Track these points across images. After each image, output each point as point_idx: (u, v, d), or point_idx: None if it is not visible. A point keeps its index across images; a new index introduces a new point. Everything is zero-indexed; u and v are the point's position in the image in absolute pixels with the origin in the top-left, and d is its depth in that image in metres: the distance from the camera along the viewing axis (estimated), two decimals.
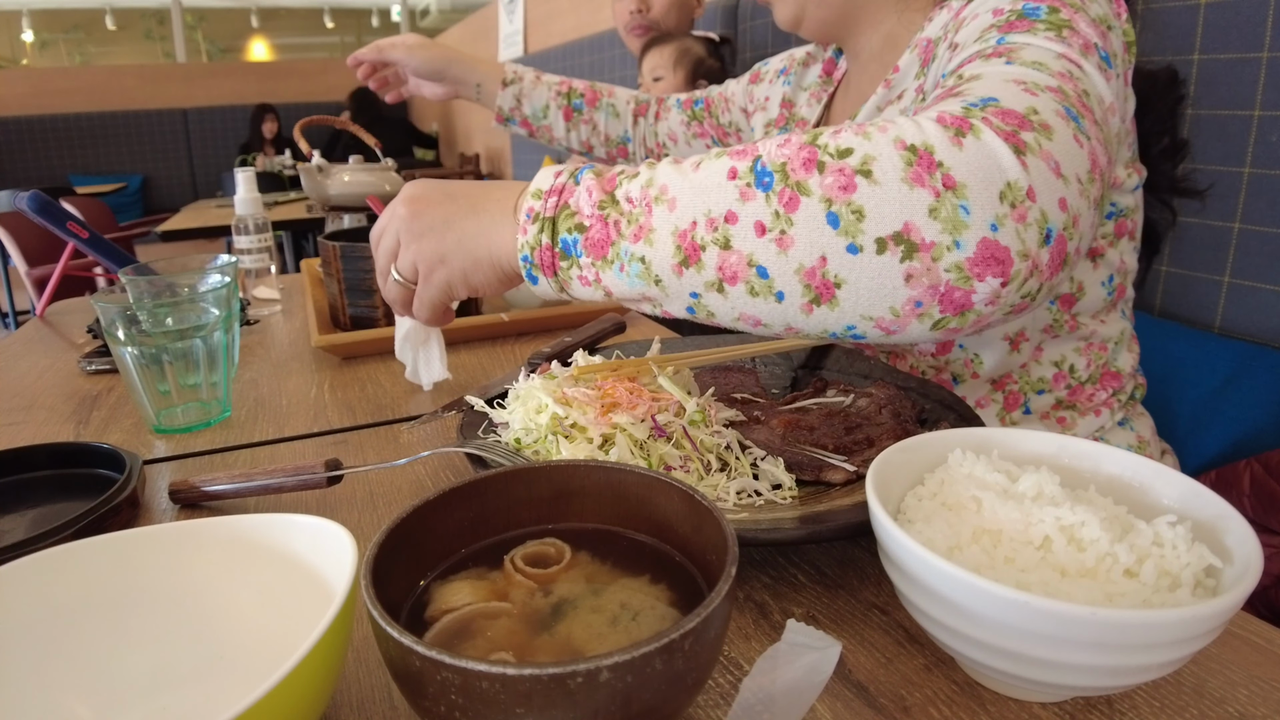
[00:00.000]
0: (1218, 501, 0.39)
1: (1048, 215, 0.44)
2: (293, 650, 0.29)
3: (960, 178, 0.43)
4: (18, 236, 3.31)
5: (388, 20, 8.42)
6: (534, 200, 0.53)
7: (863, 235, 0.44)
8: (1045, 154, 0.45)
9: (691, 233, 0.47)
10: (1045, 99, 0.48)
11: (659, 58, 1.66)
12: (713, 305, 0.49)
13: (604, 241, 0.50)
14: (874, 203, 0.43)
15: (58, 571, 0.38)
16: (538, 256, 0.53)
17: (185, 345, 0.70)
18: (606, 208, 0.50)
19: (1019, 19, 0.58)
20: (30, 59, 7.62)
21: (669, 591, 0.36)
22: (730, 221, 0.46)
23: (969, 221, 0.43)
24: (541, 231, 0.52)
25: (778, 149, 0.47)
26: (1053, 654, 0.33)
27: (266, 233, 1.21)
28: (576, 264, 0.52)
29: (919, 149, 0.44)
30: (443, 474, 0.64)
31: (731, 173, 0.47)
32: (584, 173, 0.53)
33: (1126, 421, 0.82)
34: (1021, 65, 0.52)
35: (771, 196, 0.45)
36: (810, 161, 0.45)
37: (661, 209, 0.48)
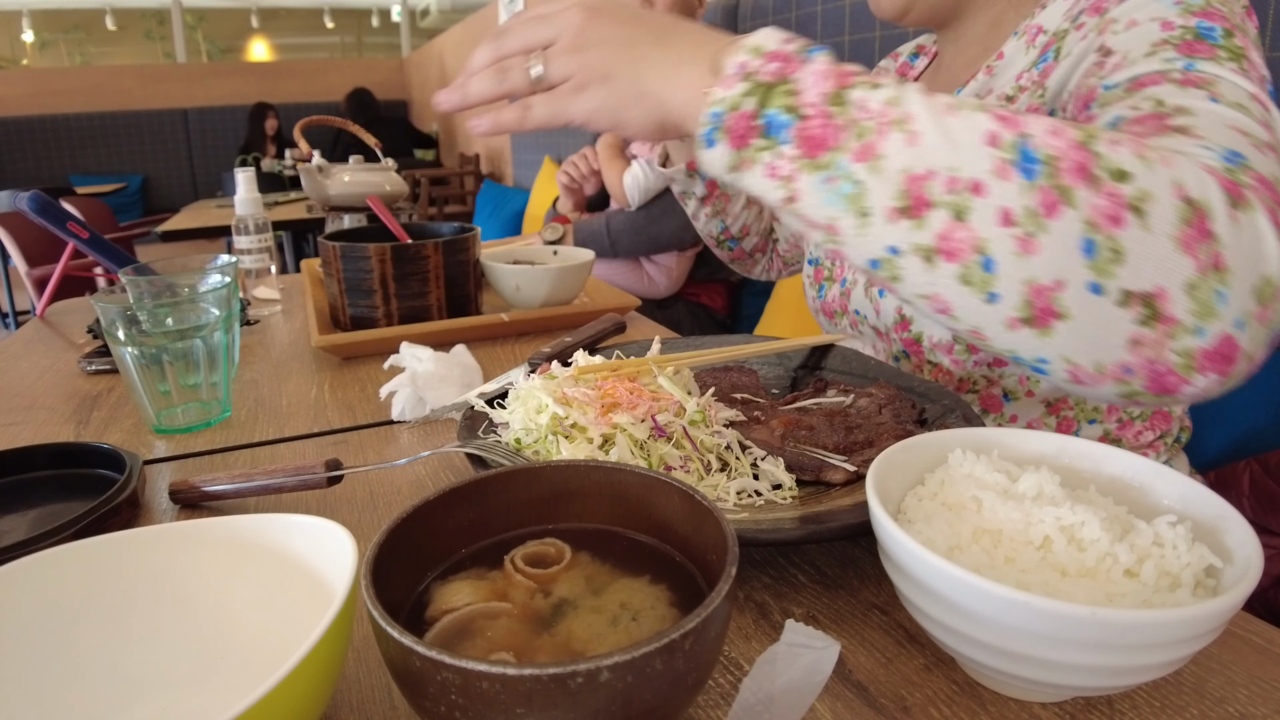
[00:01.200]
0: (1218, 502, 0.39)
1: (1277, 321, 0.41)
2: (293, 650, 0.29)
3: (1230, 261, 0.39)
4: (18, 237, 3.31)
5: (388, 20, 8.42)
6: (750, 56, 0.45)
7: (1112, 280, 0.39)
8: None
9: (925, 182, 0.40)
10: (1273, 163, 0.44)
11: None
12: (905, 270, 0.43)
13: (820, 141, 0.42)
14: (1137, 250, 0.39)
15: (58, 572, 0.38)
16: (731, 120, 0.44)
17: (185, 345, 0.70)
18: (835, 105, 0.42)
19: (1196, 40, 0.52)
20: (30, 59, 7.62)
21: (669, 592, 0.36)
22: (975, 192, 0.40)
23: (1220, 312, 0.39)
24: (749, 94, 0.44)
25: (1048, 135, 0.41)
26: (1053, 654, 0.33)
27: (267, 233, 1.21)
28: (776, 150, 0.43)
29: (1197, 206, 0.39)
30: (443, 474, 0.64)
31: (992, 138, 0.40)
32: (817, 51, 0.45)
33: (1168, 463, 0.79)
34: (1228, 107, 0.47)
35: (1031, 189, 0.40)
36: (1083, 169, 0.40)
37: (899, 137, 0.41)
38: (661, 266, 1.77)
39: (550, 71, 0.51)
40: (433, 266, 0.96)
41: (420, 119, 6.61)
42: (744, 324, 1.88)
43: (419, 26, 8.07)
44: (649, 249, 1.72)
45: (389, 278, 0.94)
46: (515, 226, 3.21)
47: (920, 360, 0.74)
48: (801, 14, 1.78)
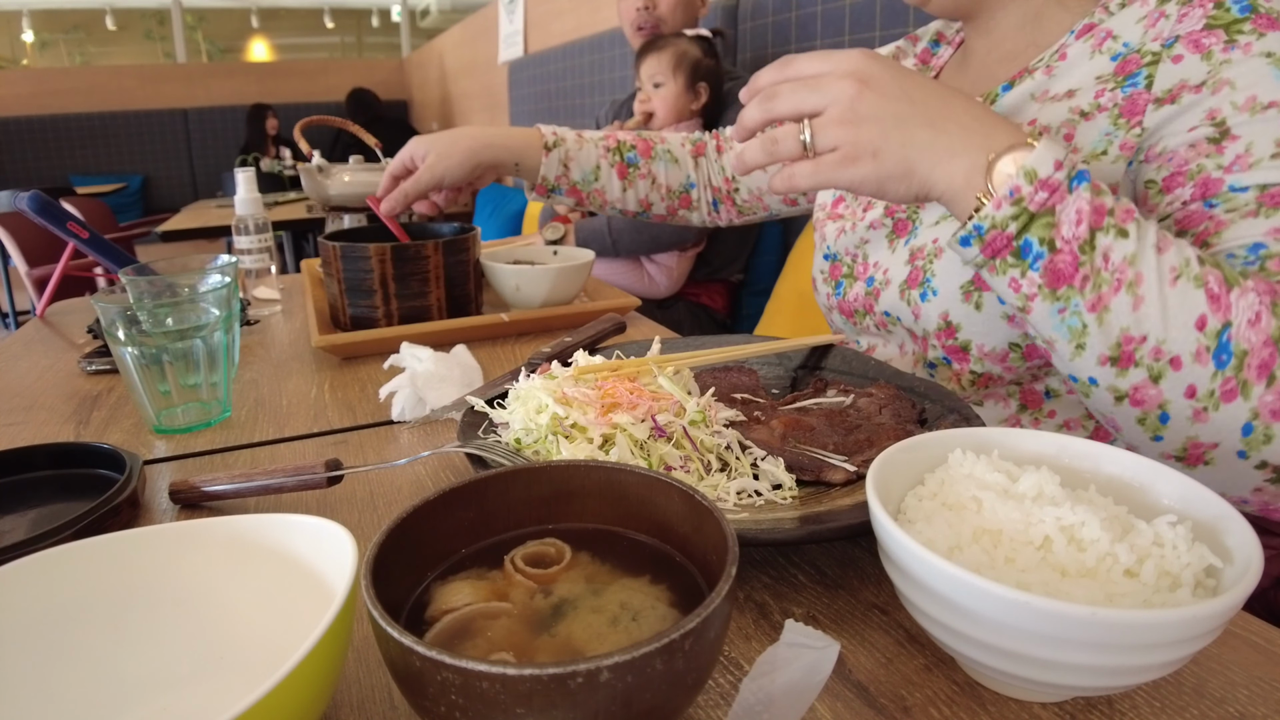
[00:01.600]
0: (1218, 501, 0.39)
1: None
2: (293, 650, 0.29)
3: None
4: (18, 237, 3.31)
5: (388, 20, 8.42)
6: (1025, 182, 0.48)
7: (1256, 454, 0.48)
8: None
9: (1137, 345, 0.48)
10: None
11: (657, 63, 1.66)
12: (1096, 396, 0.52)
13: (1063, 279, 0.48)
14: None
15: (58, 572, 0.38)
16: (992, 236, 0.49)
17: (185, 345, 0.70)
18: (1084, 250, 0.48)
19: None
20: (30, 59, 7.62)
21: (669, 592, 0.36)
22: (1174, 366, 0.48)
23: None
24: (1015, 219, 0.48)
25: (1247, 327, 0.47)
26: (1053, 654, 0.33)
27: (267, 233, 1.21)
28: (1024, 272, 0.49)
29: None
30: (443, 474, 0.64)
31: (1201, 321, 0.47)
32: (1081, 183, 0.49)
33: None
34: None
35: (1218, 376, 0.47)
36: (1265, 367, 0.47)
37: (1126, 300, 0.48)
38: (662, 266, 1.77)
39: (820, 141, 0.53)
40: (433, 267, 0.96)
41: (420, 119, 6.61)
42: (744, 324, 1.88)
43: (419, 26, 8.07)
44: (650, 248, 1.72)
45: (389, 278, 0.94)
46: (515, 226, 3.21)
47: (963, 367, 0.71)
48: (802, 14, 1.78)
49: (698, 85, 1.66)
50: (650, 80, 1.67)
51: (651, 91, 1.67)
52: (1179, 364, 0.47)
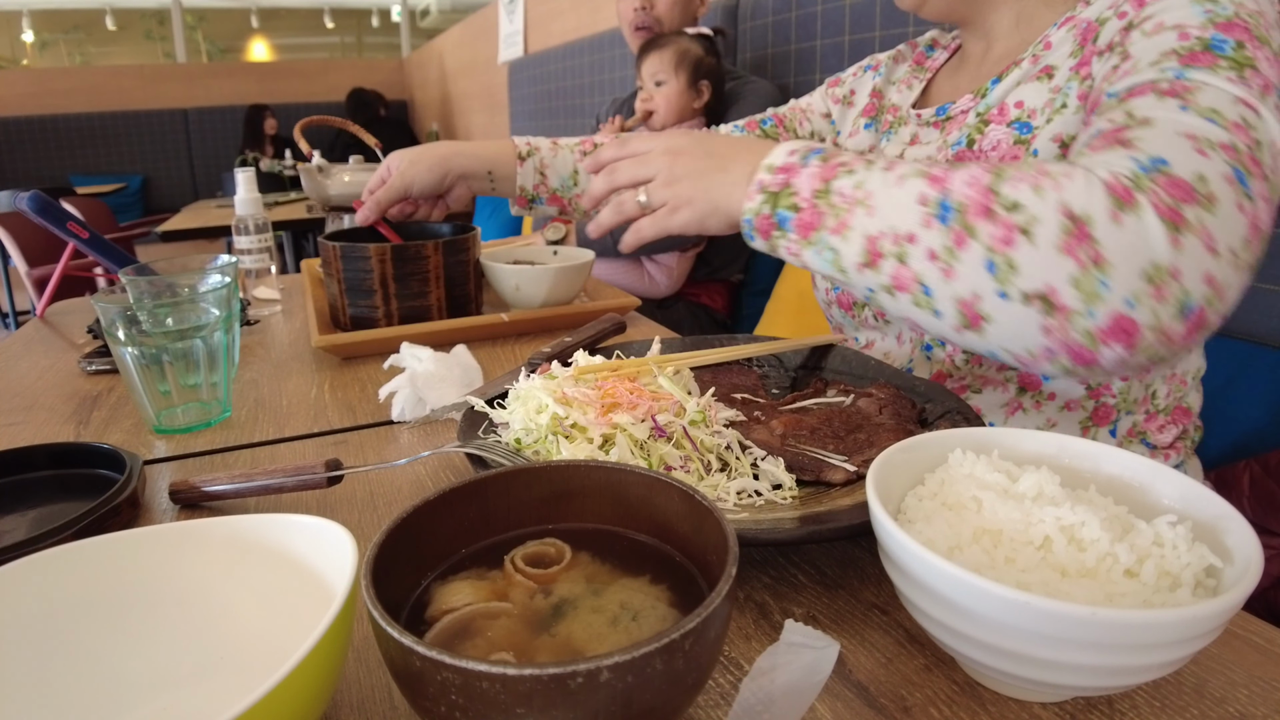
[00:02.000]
0: (1218, 501, 0.39)
1: (1190, 292, 0.48)
2: (293, 650, 0.29)
3: (1108, 255, 0.48)
4: (18, 237, 3.31)
5: (388, 20, 8.42)
6: (765, 174, 0.61)
7: (1012, 286, 0.50)
8: (1203, 231, 0.48)
9: (878, 241, 0.55)
10: (1215, 160, 0.50)
11: (659, 61, 1.66)
12: (883, 303, 0.58)
13: (810, 225, 0.58)
14: (1027, 262, 0.50)
15: (58, 572, 0.38)
16: (758, 222, 0.61)
17: (185, 345, 0.70)
18: (821, 197, 0.58)
19: (1203, 51, 0.57)
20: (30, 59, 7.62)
21: (669, 592, 0.36)
22: (910, 241, 0.54)
23: (1106, 296, 0.48)
24: (765, 203, 0.60)
25: (964, 186, 0.53)
26: (1053, 654, 0.33)
27: (267, 233, 1.21)
28: (785, 236, 0.60)
29: (1079, 219, 0.49)
30: (443, 474, 0.64)
31: (922, 199, 0.54)
32: (813, 157, 0.60)
33: (1181, 465, 0.80)
34: (1196, 114, 0.53)
35: (947, 231, 0.52)
36: (984, 209, 0.51)
37: (861, 212, 0.56)
38: (662, 266, 1.77)
39: (653, 201, 0.69)
40: (433, 267, 0.96)
41: (420, 119, 6.61)
42: (744, 324, 1.88)
43: (419, 27, 8.07)
44: (652, 248, 1.72)
45: (389, 278, 0.94)
46: (515, 227, 3.21)
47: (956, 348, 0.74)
48: (801, 14, 1.78)
49: (700, 83, 1.66)
50: (652, 78, 1.67)
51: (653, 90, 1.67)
52: (914, 238, 0.53)
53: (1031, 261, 0.49)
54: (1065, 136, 0.66)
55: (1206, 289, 0.49)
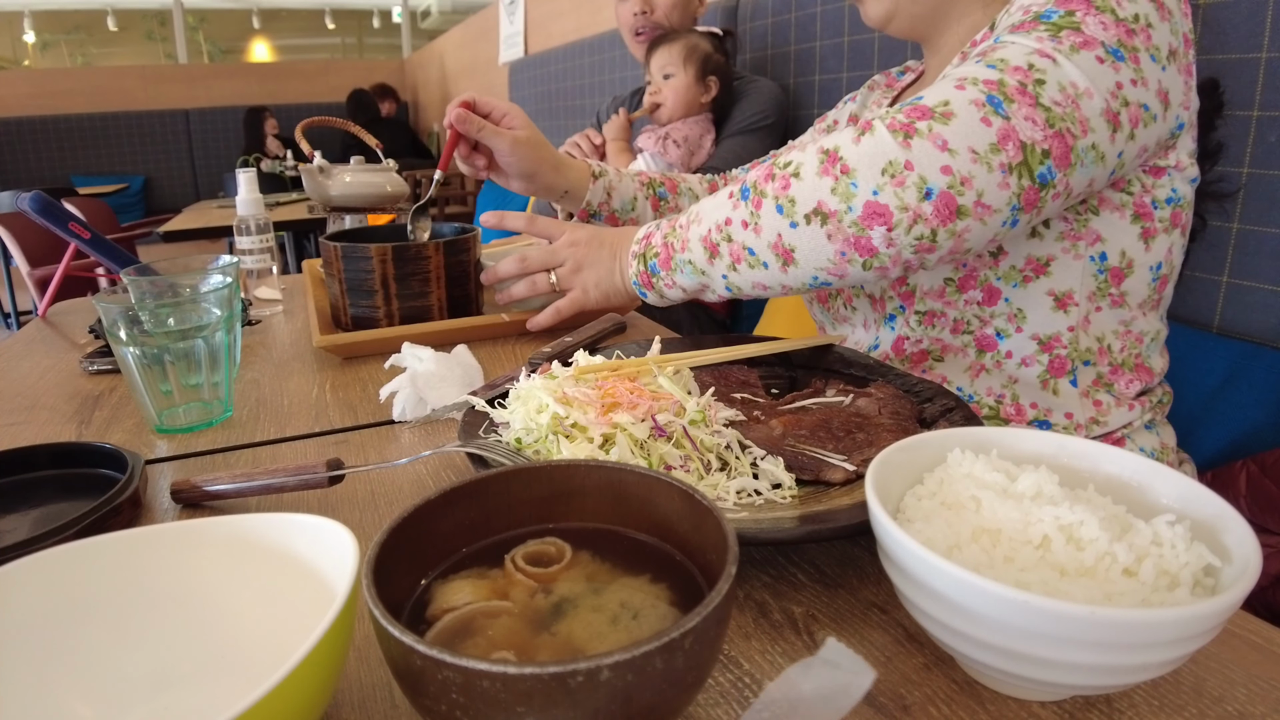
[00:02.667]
0: (1216, 501, 0.39)
1: (927, 179, 0.60)
2: (294, 649, 0.30)
3: (852, 164, 0.62)
4: (20, 237, 3.32)
5: (388, 21, 8.42)
6: (635, 245, 0.81)
7: (796, 214, 0.65)
8: (933, 135, 0.60)
9: (710, 236, 0.71)
10: (970, 91, 0.61)
11: (668, 55, 1.65)
12: (737, 281, 0.72)
13: (668, 258, 0.77)
14: (799, 192, 0.64)
15: (60, 571, 0.38)
16: (641, 279, 0.80)
17: (187, 345, 0.70)
18: (669, 236, 0.77)
19: (1032, 21, 0.66)
20: (32, 60, 7.63)
21: (669, 591, 0.36)
22: (728, 224, 0.70)
23: (856, 192, 0.62)
24: (640, 264, 0.80)
25: (755, 173, 0.68)
26: (1052, 653, 0.33)
27: (268, 233, 1.22)
28: (659, 278, 0.78)
29: (830, 150, 0.63)
30: (444, 473, 0.64)
31: (730, 194, 0.70)
32: (663, 222, 0.80)
33: (1153, 426, 0.82)
34: (984, 64, 0.63)
35: (747, 203, 0.68)
36: (769, 175, 0.67)
37: (695, 227, 0.73)
38: None
39: (562, 284, 0.89)
40: (434, 267, 0.96)
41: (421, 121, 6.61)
42: (744, 324, 1.88)
43: (420, 27, 8.07)
44: None
45: (390, 278, 0.94)
46: None
47: (909, 307, 0.82)
48: (801, 15, 1.78)
49: (708, 78, 1.65)
50: (660, 72, 1.66)
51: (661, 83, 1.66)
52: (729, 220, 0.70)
53: (801, 190, 0.64)
54: None
55: (945, 176, 0.60)
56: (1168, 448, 0.82)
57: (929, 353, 0.82)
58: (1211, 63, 0.97)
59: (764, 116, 1.67)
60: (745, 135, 1.66)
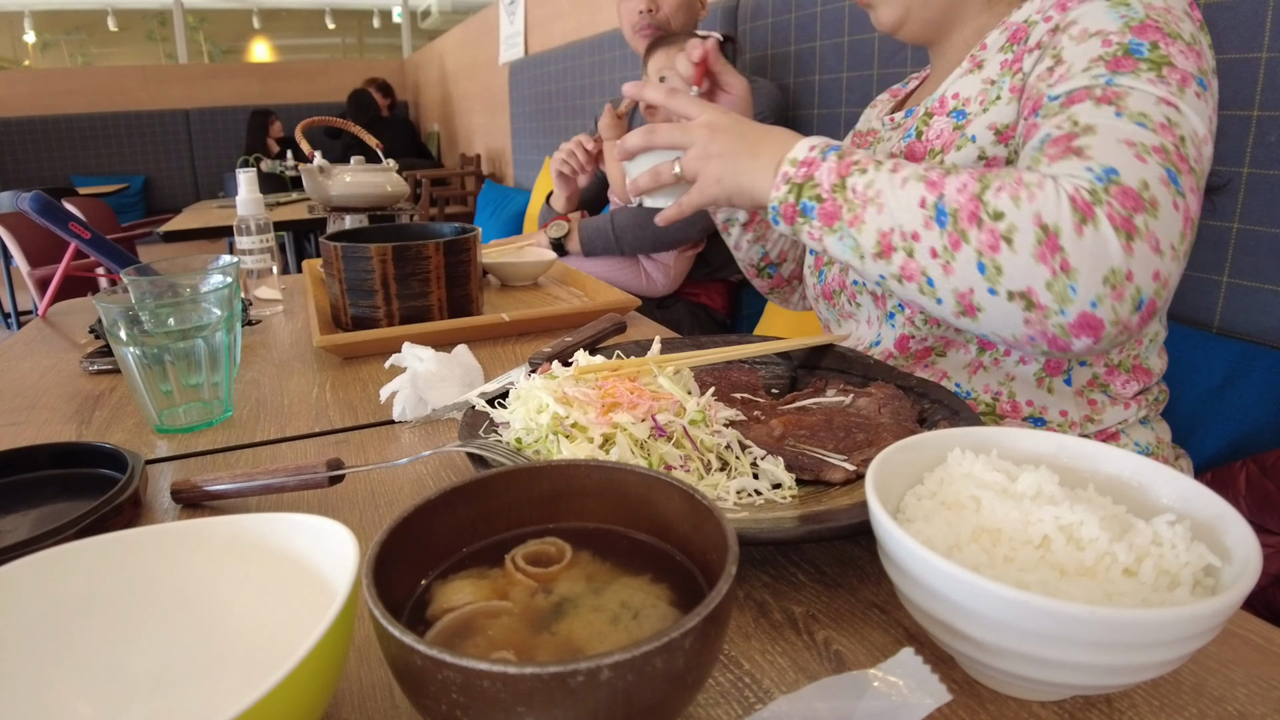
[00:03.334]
0: (1216, 501, 0.39)
1: (1142, 289, 0.57)
2: (295, 649, 0.30)
3: (1075, 263, 0.56)
4: (20, 237, 3.32)
5: (389, 21, 8.42)
6: (790, 167, 0.68)
7: (999, 285, 0.59)
8: (1150, 235, 0.57)
9: (889, 235, 0.63)
10: (1152, 165, 0.58)
11: (665, 58, 1.64)
12: (892, 288, 0.66)
13: (831, 215, 0.66)
14: (1010, 266, 0.58)
15: (60, 571, 0.38)
16: (783, 210, 0.69)
17: (187, 345, 0.70)
18: (838, 191, 0.66)
19: (1125, 56, 0.64)
20: (32, 60, 7.63)
21: (670, 591, 0.36)
22: (915, 239, 0.62)
23: (1075, 299, 0.57)
24: (789, 193, 0.68)
25: (955, 193, 0.61)
26: (1052, 653, 0.33)
27: (268, 233, 1.22)
28: (809, 223, 0.68)
29: (1050, 230, 0.57)
30: (444, 473, 0.64)
31: (922, 201, 0.62)
32: (830, 153, 0.68)
33: (1148, 421, 0.82)
34: (1129, 119, 0.60)
35: (944, 233, 0.60)
36: (973, 216, 0.59)
37: (873, 209, 0.64)
38: (660, 264, 1.77)
39: (686, 171, 0.76)
40: (434, 267, 0.96)
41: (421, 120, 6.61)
42: (744, 324, 1.88)
43: (420, 27, 8.07)
44: (654, 245, 1.72)
45: (390, 278, 0.94)
46: (516, 226, 3.21)
47: (914, 311, 0.81)
48: (801, 15, 1.78)
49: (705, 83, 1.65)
50: (658, 75, 1.65)
51: None
52: (918, 236, 0.61)
53: (1013, 266, 0.58)
54: (1000, 125, 0.73)
55: (1155, 284, 0.57)
56: (1163, 442, 0.83)
57: (932, 349, 0.82)
58: None
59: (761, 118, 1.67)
60: None
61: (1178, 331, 1.02)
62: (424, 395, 0.72)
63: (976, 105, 0.77)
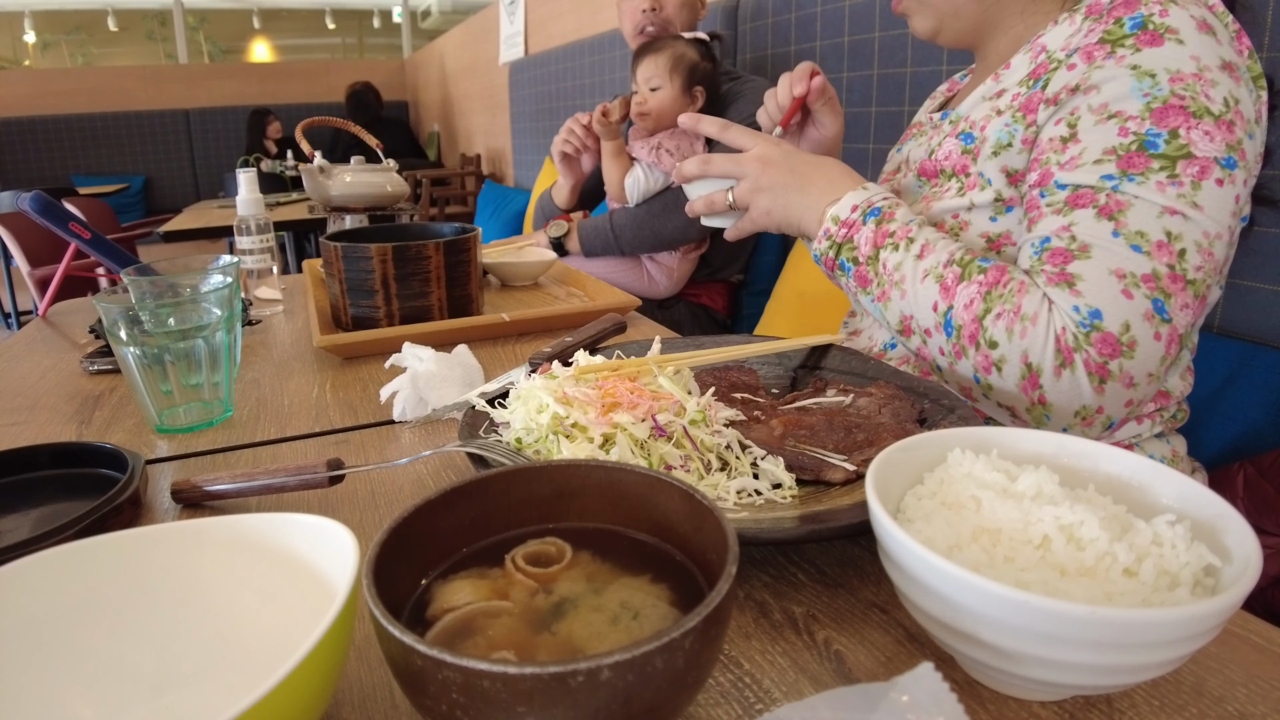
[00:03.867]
0: (1217, 501, 0.39)
1: (1112, 417, 0.66)
2: (295, 649, 0.30)
3: (1051, 399, 0.65)
4: (20, 237, 3.32)
5: (389, 21, 8.42)
6: (832, 225, 0.76)
7: (990, 395, 0.69)
8: (1123, 375, 0.63)
9: (909, 320, 0.72)
10: (1138, 301, 0.63)
11: (654, 66, 1.64)
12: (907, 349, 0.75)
13: (864, 280, 0.75)
14: (999, 387, 0.68)
15: (60, 571, 0.38)
16: (824, 260, 0.78)
17: (187, 345, 0.70)
18: (871, 264, 0.74)
19: (1138, 152, 0.65)
20: (32, 60, 7.63)
21: (670, 591, 0.36)
22: (928, 335, 0.71)
23: (1049, 424, 0.67)
24: (830, 249, 0.77)
25: (963, 309, 0.68)
26: (1052, 653, 0.33)
27: (268, 233, 1.22)
28: (846, 277, 0.77)
29: (1033, 369, 0.65)
30: (444, 473, 0.64)
31: (935, 306, 0.70)
32: (870, 218, 0.74)
33: (1164, 436, 0.82)
34: (1125, 240, 0.64)
35: (950, 342, 0.69)
36: (973, 338, 0.68)
37: (897, 293, 0.72)
38: (663, 266, 1.77)
39: (738, 200, 0.82)
40: (434, 267, 0.96)
41: (421, 120, 6.61)
42: (744, 324, 1.88)
43: (420, 27, 8.07)
44: (653, 245, 1.72)
45: (390, 278, 0.95)
46: (516, 227, 3.21)
47: None
48: (801, 15, 1.78)
49: (694, 89, 1.65)
50: (646, 84, 1.65)
51: (647, 94, 1.66)
52: (929, 333, 0.71)
53: (1001, 389, 0.67)
54: (1011, 169, 0.75)
55: (1126, 409, 0.66)
56: (1179, 456, 0.82)
57: None
58: None
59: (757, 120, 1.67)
60: None
61: None
62: (424, 395, 0.72)
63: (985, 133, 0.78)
